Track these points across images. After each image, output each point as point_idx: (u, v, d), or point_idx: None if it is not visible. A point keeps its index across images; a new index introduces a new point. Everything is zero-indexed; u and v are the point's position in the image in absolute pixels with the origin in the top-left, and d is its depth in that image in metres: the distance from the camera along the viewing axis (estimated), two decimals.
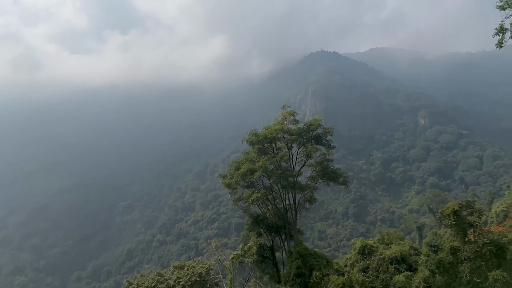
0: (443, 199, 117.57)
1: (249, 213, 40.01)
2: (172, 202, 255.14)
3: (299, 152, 39.45)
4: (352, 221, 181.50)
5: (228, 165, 42.55)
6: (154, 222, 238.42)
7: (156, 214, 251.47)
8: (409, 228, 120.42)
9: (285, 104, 43.20)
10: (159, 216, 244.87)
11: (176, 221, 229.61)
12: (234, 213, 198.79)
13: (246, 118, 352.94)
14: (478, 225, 28.39)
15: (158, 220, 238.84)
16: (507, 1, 20.88)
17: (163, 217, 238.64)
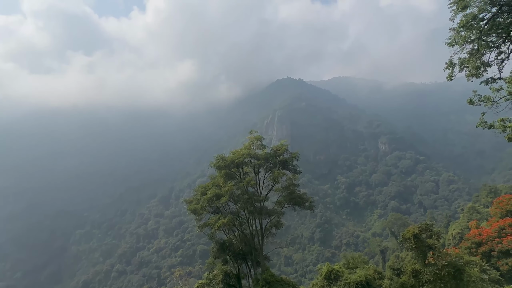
0: (404, 222, 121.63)
1: (215, 239, 38.99)
2: (134, 229, 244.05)
3: (266, 177, 39.49)
4: (318, 246, 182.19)
5: (194, 190, 41.65)
6: (113, 251, 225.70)
7: (116, 242, 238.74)
8: (373, 251, 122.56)
9: (252, 129, 43.52)
10: (120, 244, 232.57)
11: (137, 249, 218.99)
12: (199, 239, 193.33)
13: (213, 142, 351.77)
14: (437, 248, 29.47)
15: (118, 248, 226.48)
16: (454, 39, 22.75)
17: (124, 245, 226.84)
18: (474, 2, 21.98)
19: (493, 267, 37.32)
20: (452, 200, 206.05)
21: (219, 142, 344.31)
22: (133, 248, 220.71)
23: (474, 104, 23.19)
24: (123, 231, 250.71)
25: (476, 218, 68.92)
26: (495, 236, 40.66)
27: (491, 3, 21.25)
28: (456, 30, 22.84)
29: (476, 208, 79.23)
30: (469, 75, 23.56)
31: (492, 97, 22.03)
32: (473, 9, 21.96)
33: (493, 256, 39.37)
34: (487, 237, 41.32)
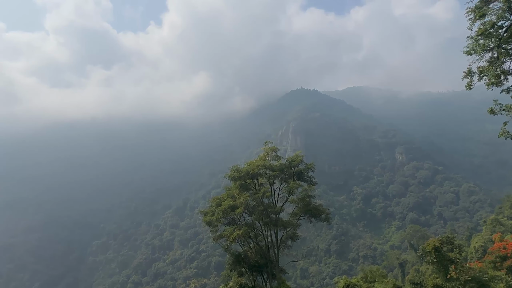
0: (423, 234, 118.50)
1: (230, 251, 38.82)
2: (150, 240, 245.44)
3: (281, 188, 39.27)
4: (334, 258, 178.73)
5: (209, 201, 41.71)
6: (129, 262, 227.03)
7: (132, 253, 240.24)
8: (392, 264, 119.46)
9: (267, 140, 43.56)
10: (135, 255, 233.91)
11: (153, 260, 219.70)
12: (214, 251, 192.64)
13: (227, 153, 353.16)
14: (459, 262, 28.50)
15: (134, 259, 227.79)
16: (473, 47, 22.41)
17: (140, 256, 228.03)
18: (493, 10, 21.69)
19: None
20: (473, 211, 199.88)
21: (233, 153, 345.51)
22: (149, 259, 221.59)
23: (495, 114, 22.69)
24: (138, 242, 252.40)
25: (499, 230, 66.49)
26: None
27: (510, 11, 20.92)
28: (474, 38, 22.51)
29: (499, 220, 76.56)
30: (489, 84, 23.10)
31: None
32: (491, 17, 21.66)
33: None
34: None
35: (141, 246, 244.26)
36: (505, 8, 20.87)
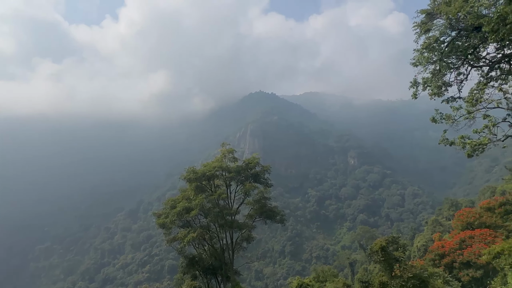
0: (372, 235, 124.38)
1: (184, 254, 38.07)
2: (99, 244, 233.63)
3: (237, 190, 39.29)
4: (289, 259, 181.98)
5: (163, 203, 40.67)
6: (76, 268, 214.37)
7: (79, 258, 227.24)
8: (342, 264, 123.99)
9: (224, 141, 43.39)
10: (83, 260, 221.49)
11: (102, 265, 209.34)
12: (168, 254, 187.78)
13: (185, 154, 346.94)
14: (403, 260, 30.21)
15: (81, 265, 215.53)
16: (418, 59, 23.99)
17: (88, 261, 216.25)
18: (436, 26, 23.37)
19: (455, 278, 38.73)
20: (417, 213, 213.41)
21: (191, 154, 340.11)
22: (98, 264, 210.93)
23: (437, 122, 24.32)
24: (87, 246, 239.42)
25: (439, 230, 71.65)
26: (457, 248, 42.34)
27: (451, 27, 22.64)
28: (420, 51, 24.11)
29: (439, 221, 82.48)
30: (431, 94, 24.81)
31: (453, 115, 23.22)
32: (435, 32, 23.30)
33: (455, 268, 40.89)
34: (449, 249, 42.95)
35: (90, 250, 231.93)
36: (447, 25, 22.58)
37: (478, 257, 36.62)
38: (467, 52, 23.21)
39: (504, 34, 18.19)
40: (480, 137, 21.82)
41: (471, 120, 22.69)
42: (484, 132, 21.74)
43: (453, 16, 20.48)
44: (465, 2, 18.73)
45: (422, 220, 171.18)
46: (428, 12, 23.54)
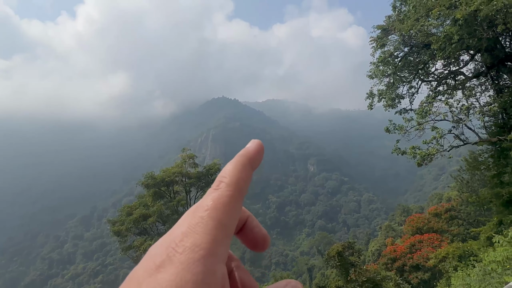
0: (330, 241, 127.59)
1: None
2: (47, 253, 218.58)
3: (197, 196, 38.69)
4: (248, 266, 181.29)
5: (119, 210, 39.04)
6: (19, 279, 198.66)
7: (24, 269, 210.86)
8: (301, 270, 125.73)
9: (185, 147, 42.66)
10: (28, 271, 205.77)
11: (49, 276, 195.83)
12: (122, 263, 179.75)
13: (143, 159, 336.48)
14: (358, 265, 31.22)
15: (25, 276, 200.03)
16: (374, 72, 25.17)
17: (33, 272, 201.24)
18: (391, 41, 24.71)
19: (406, 281, 40.64)
20: (372, 218, 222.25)
21: (150, 159, 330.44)
22: (44, 275, 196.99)
23: (390, 132, 25.55)
24: (33, 256, 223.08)
25: (391, 235, 75.03)
26: (407, 252, 44.56)
27: (404, 44, 24.05)
28: (376, 64, 25.35)
29: (391, 226, 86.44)
30: (386, 106, 26.12)
31: (405, 126, 24.55)
32: (389, 47, 24.63)
33: (405, 271, 42.95)
34: (400, 253, 45.08)
35: (36, 260, 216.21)
36: (400, 41, 23.96)
37: (426, 261, 38.75)
38: (418, 67, 24.77)
39: (450, 53, 19.61)
40: (428, 147, 23.22)
41: (421, 131, 24.08)
42: (432, 143, 23.15)
43: (406, 33, 21.78)
44: (416, 21, 19.99)
45: (377, 226, 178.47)
46: (384, 28, 24.84)
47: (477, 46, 20.18)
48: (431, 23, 19.43)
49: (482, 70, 24.65)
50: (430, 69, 25.62)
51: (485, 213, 41.87)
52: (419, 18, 19.95)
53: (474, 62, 25.07)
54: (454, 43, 18.75)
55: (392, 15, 24.12)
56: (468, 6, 16.01)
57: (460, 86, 25.28)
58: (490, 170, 26.77)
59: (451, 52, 19.67)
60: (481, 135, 24.82)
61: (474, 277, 10.96)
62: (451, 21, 18.58)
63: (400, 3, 23.63)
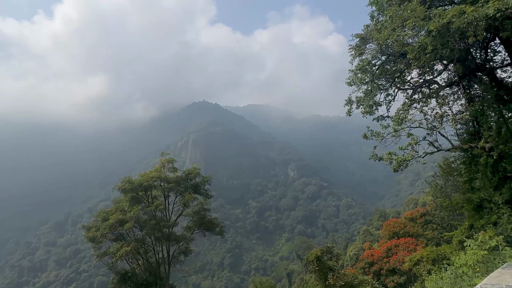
0: (309, 245, 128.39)
1: (116, 269, 35.72)
2: (17, 260, 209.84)
3: (176, 201, 38.16)
4: (227, 272, 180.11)
5: (95, 215, 38.00)
6: None
7: None
8: (280, 275, 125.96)
9: (165, 151, 42.15)
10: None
11: (19, 284, 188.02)
12: (97, 270, 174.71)
13: (121, 164, 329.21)
14: (336, 269, 31.53)
15: None
16: (353, 79, 25.69)
17: (2, 280, 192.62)
18: (368, 49, 25.31)
19: (382, 285, 41.36)
20: (350, 223, 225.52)
21: (128, 164, 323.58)
22: (14, 283, 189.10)
23: (368, 138, 26.07)
24: (1, 264, 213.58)
25: (369, 239, 76.32)
26: (384, 256, 45.39)
27: (381, 52, 24.66)
28: (354, 72, 25.87)
29: (369, 231, 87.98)
30: (364, 112, 26.64)
31: (382, 132, 25.12)
32: (367, 55, 25.21)
33: (382, 275, 43.71)
34: (377, 257, 45.87)
35: (5, 268, 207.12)
36: (378, 50, 24.56)
37: (401, 264, 39.56)
38: (394, 76, 25.44)
39: (424, 62, 20.27)
40: (404, 153, 23.83)
41: (397, 137, 24.70)
42: (407, 149, 23.77)
43: (383, 42, 22.35)
44: (393, 31, 20.56)
45: (355, 230, 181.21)
46: (362, 37, 25.43)
47: (450, 57, 20.97)
48: (407, 33, 20.04)
49: (454, 79, 25.58)
50: (406, 77, 26.35)
51: (457, 218, 43.26)
52: (395, 28, 20.54)
53: (447, 71, 25.98)
54: (428, 53, 19.39)
55: (370, 25, 24.74)
56: (441, 18, 16.62)
57: (434, 94, 26.13)
58: (462, 176, 27.70)
59: (425, 61, 20.34)
60: (454, 142, 25.69)
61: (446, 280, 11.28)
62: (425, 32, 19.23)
63: (377, 13, 24.27)
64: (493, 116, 23.50)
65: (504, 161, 22.38)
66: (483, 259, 10.48)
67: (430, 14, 18.20)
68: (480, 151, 22.47)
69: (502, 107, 21.97)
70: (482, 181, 24.13)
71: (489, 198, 23.14)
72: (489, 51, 23.27)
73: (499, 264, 9.86)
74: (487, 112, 23.61)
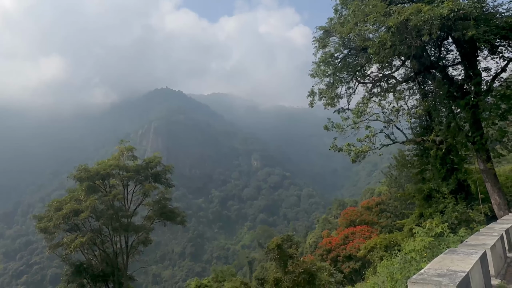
0: (270, 234, 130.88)
1: (70, 261, 34.30)
2: None
3: (135, 191, 37.15)
4: (189, 261, 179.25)
5: (47, 205, 36.09)
6: None
7: None
8: (242, 263, 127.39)
9: (124, 139, 40.69)
10: None
11: None
12: (50, 262, 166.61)
13: (77, 151, 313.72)
14: (296, 256, 32.39)
15: None
16: (316, 71, 26.06)
17: None
18: (332, 42, 25.77)
19: (339, 271, 43.16)
20: (310, 212, 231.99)
21: (85, 151, 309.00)
22: None
23: (329, 130, 26.76)
24: None
25: (328, 228, 79.10)
26: (341, 243, 47.28)
27: (344, 46, 25.21)
28: (317, 64, 26.26)
29: (328, 219, 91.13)
30: (325, 104, 27.23)
31: (342, 124, 25.88)
32: (330, 48, 25.66)
33: (339, 261, 45.56)
34: (335, 245, 47.70)
35: None
36: (341, 43, 25.08)
37: (357, 251, 41.47)
38: (355, 69, 26.16)
39: (384, 57, 21.02)
40: (362, 145, 24.74)
41: (356, 129, 25.57)
42: (365, 141, 24.71)
43: (345, 36, 22.84)
44: (355, 25, 21.05)
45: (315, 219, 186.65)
46: (326, 30, 25.79)
47: (407, 53, 21.86)
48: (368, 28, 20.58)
49: (411, 75, 26.80)
50: (366, 71, 27.15)
51: (409, 207, 45.86)
52: (357, 22, 21.01)
53: (405, 67, 27.13)
54: (387, 49, 20.07)
55: (334, 18, 25.11)
56: (400, 15, 17.24)
57: (391, 89, 27.24)
58: (414, 167, 29.32)
59: (384, 57, 21.06)
60: (408, 136, 27.09)
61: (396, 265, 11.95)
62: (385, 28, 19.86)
63: (341, 6, 24.65)
64: (444, 111, 24.97)
65: (451, 154, 23.96)
66: (429, 245, 11.21)
67: (390, 11, 18.82)
68: (431, 144, 23.85)
69: (452, 103, 23.37)
70: (432, 172, 25.71)
71: (437, 188, 24.74)
72: (442, 50, 24.57)
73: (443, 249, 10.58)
74: (439, 107, 25.05)
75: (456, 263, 6.39)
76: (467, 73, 22.22)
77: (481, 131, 20.92)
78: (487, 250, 8.29)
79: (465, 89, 22.28)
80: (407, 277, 9.49)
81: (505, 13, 19.31)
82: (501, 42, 20.12)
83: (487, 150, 21.26)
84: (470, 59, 21.83)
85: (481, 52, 21.81)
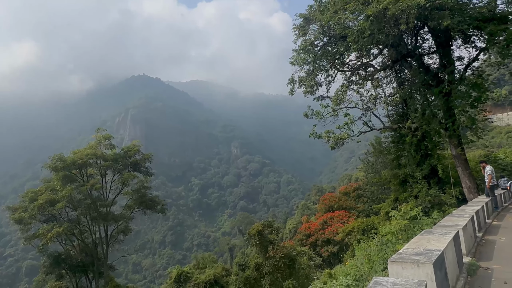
0: (251, 220, 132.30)
1: (47, 252, 33.64)
2: None
3: (114, 180, 36.56)
4: (169, 249, 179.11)
5: (21, 196, 35.03)
6: None
7: None
8: (223, 250, 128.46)
9: (101, 127, 39.69)
10: None
11: None
12: (26, 254, 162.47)
13: (52, 139, 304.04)
14: (276, 242, 33.04)
15: None
16: (296, 59, 26.15)
17: None
18: (312, 30, 25.84)
19: (318, 255, 44.34)
20: (290, 198, 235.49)
21: (60, 140, 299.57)
22: None
23: (309, 117, 27.08)
24: None
25: (307, 213, 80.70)
26: (320, 228, 48.42)
27: (323, 34, 25.33)
28: (297, 52, 26.34)
29: (307, 205, 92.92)
30: (305, 92, 27.46)
31: (321, 112, 26.24)
32: (310, 36, 25.75)
33: (318, 245, 46.73)
34: (314, 230, 48.81)
35: None
36: (320, 31, 25.19)
37: (335, 235, 42.65)
38: (335, 57, 26.40)
39: (362, 45, 21.31)
40: (341, 132, 25.23)
41: (335, 117, 26.00)
42: (344, 128, 25.20)
43: (325, 23, 22.95)
44: (335, 13, 21.16)
45: (294, 205, 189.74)
46: (306, 17, 25.82)
47: (385, 42, 22.26)
48: (347, 17, 20.72)
49: (388, 63, 27.33)
50: (345, 59, 27.47)
51: (385, 192, 47.36)
52: (337, 10, 21.12)
53: (382, 56, 27.61)
54: (366, 37, 20.34)
55: (314, 5, 25.12)
56: (379, 4, 17.44)
57: (369, 77, 27.76)
58: (390, 154, 30.20)
59: (363, 45, 21.34)
60: (385, 123, 27.80)
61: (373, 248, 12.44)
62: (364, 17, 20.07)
63: None
64: (419, 99, 25.71)
65: (426, 140, 24.82)
66: (404, 227, 11.73)
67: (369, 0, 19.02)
68: (406, 131, 24.61)
69: (427, 91, 24.09)
70: (407, 158, 26.56)
71: (412, 173, 25.66)
72: (418, 39, 25.13)
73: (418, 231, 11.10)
74: (415, 95, 25.75)
75: (432, 243, 6.79)
76: (441, 62, 22.86)
77: (453, 118, 21.71)
78: (460, 230, 8.79)
79: (439, 78, 22.96)
80: (383, 258, 9.93)
81: (478, 4, 19.92)
82: (474, 32, 20.77)
83: (458, 136, 22.13)
84: (445, 48, 22.46)
85: (455, 41, 22.46)
